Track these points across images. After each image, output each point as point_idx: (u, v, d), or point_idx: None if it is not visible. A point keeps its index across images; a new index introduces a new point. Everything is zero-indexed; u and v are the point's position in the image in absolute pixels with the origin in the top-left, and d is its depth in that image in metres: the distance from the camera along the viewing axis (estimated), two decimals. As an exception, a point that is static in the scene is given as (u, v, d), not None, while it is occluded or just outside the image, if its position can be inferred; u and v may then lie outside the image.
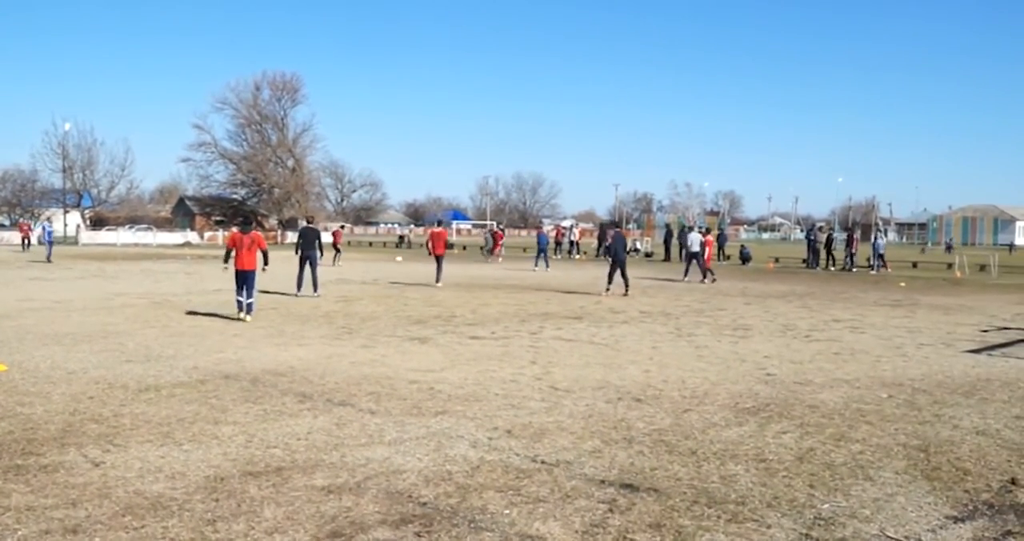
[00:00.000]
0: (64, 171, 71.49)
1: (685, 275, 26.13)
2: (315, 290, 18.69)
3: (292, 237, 68.96)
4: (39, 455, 5.99)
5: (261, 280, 15.46)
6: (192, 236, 65.63)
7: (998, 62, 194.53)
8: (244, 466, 5.79)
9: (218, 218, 76.16)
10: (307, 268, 19.06)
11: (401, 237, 68.21)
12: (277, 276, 19.83)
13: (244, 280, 14.52)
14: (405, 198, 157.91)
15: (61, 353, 10.50)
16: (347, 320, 14.51)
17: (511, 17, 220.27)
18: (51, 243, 34.57)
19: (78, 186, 75.37)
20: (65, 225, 58.48)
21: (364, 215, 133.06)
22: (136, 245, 57.24)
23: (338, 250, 34.37)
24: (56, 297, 18.19)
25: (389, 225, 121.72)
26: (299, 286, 18.97)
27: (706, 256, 26.07)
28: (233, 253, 14.78)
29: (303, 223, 21.67)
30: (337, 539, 4.48)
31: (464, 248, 53.51)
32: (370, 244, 66.25)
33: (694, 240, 26.10)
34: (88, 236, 61.23)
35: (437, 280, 22.02)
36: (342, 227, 50.09)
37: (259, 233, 15.52)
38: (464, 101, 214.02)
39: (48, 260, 32.51)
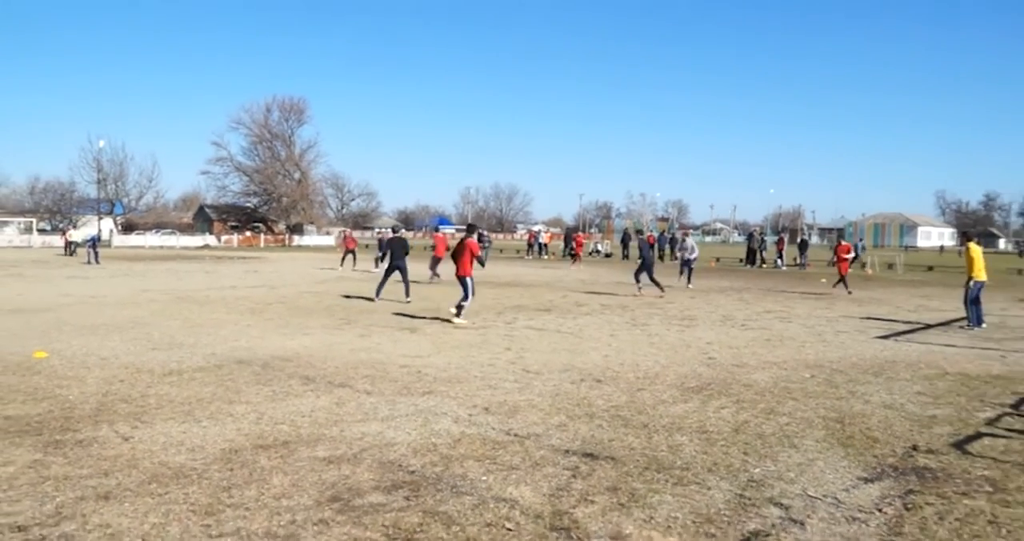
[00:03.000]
0: (98, 183, 70.42)
1: (684, 279, 22.37)
2: (407, 296, 16.45)
3: (298, 240, 68.66)
4: (75, 431, 5.90)
5: (344, 286, 15.22)
6: (211, 239, 64.88)
7: (904, 87, 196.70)
8: (255, 440, 5.74)
9: (233, 224, 75.44)
10: (394, 276, 16.84)
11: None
12: (288, 274, 19.55)
13: (463, 285, 13.17)
14: (397, 205, 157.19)
15: (95, 342, 10.35)
16: (346, 313, 14.41)
17: (491, 44, 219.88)
18: (95, 249, 32.13)
19: (111, 196, 74.37)
20: (99, 230, 57.45)
21: (361, 221, 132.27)
22: (161, 247, 56.51)
23: (354, 255, 30.59)
24: (90, 293, 17.91)
25: (383, 229, 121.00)
26: (378, 292, 16.73)
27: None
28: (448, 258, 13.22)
29: (390, 233, 19.14)
30: (336, 503, 4.46)
31: (448, 250, 53.24)
32: (367, 246, 65.81)
33: (690, 246, 22.53)
34: (119, 240, 60.31)
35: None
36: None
37: (472, 240, 13.36)
38: (450, 117, 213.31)
39: (96, 262, 31.11)
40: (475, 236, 14.03)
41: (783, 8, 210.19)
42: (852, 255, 23.13)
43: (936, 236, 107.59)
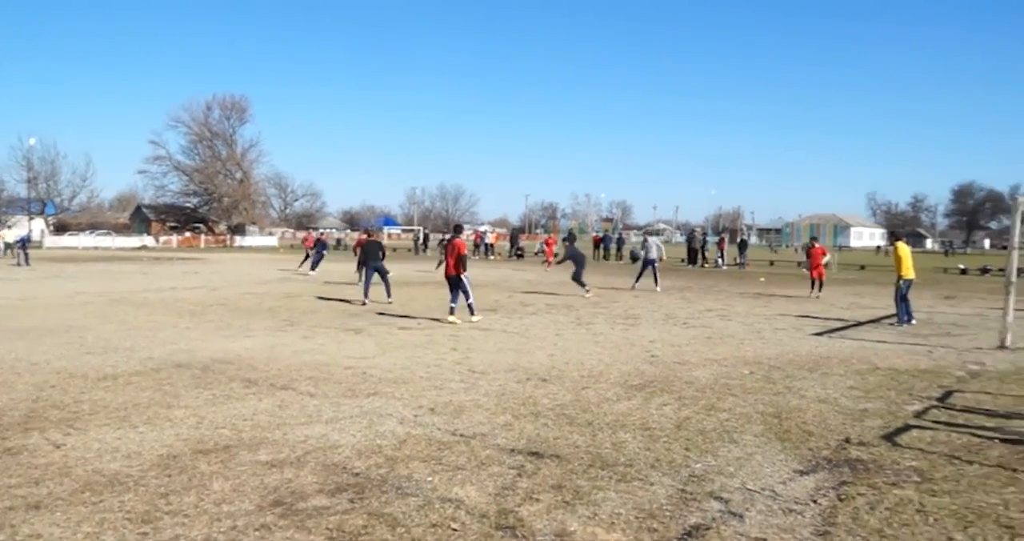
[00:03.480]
0: (28, 182, 67.84)
1: (640, 281, 21.59)
2: (388, 296, 16.62)
3: (240, 241, 67.23)
4: (3, 439, 5.67)
5: (327, 290, 14.89)
6: (148, 240, 62.99)
7: (837, 89, 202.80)
8: (195, 445, 5.60)
9: (172, 224, 73.49)
10: (374, 277, 16.80)
11: (338, 240, 66.97)
12: (228, 275, 19.16)
13: (454, 285, 13.47)
14: (342, 206, 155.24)
15: (25, 346, 9.95)
16: (289, 314, 14.18)
17: (436, 45, 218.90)
18: (26, 250, 30.80)
19: (42, 195, 71.70)
20: (30, 230, 55.20)
21: (305, 221, 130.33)
22: (96, 248, 54.65)
23: (307, 255, 29.07)
24: (20, 295, 17.22)
25: (327, 230, 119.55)
26: (365, 294, 16.60)
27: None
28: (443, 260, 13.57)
29: (364, 237, 19.16)
30: (279, 507, 4.38)
31: (395, 250, 52.87)
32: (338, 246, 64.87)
33: (651, 246, 21.68)
34: (51, 240, 58.07)
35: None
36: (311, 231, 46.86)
37: (461, 241, 13.66)
38: (396, 117, 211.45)
39: (27, 263, 29.96)
40: (462, 236, 14.32)
41: (721, 9, 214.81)
42: (828, 258, 21.10)
43: (868, 236, 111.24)
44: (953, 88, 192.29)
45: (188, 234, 68.63)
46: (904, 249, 14.47)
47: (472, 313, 13.47)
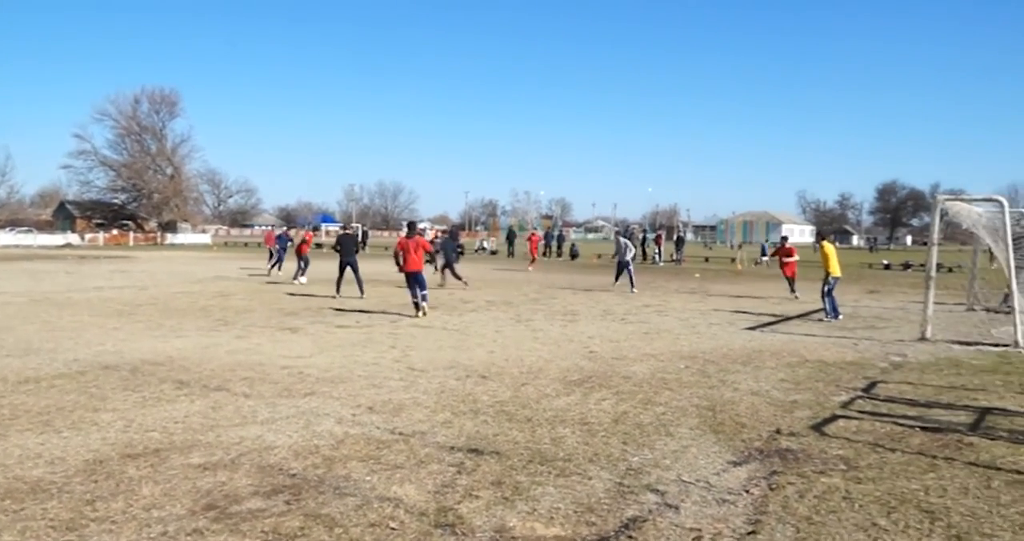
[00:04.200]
0: (-59, 177, 64.55)
1: (621, 281, 20.60)
2: (360, 293, 16.72)
3: (171, 238, 65.30)
4: (-85, 448, 5.38)
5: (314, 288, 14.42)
6: (73, 238, 60.58)
7: (768, 89, 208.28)
8: (123, 449, 5.42)
9: (99, 221, 70.81)
10: (347, 272, 16.98)
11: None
12: (176, 271, 18.57)
13: (416, 280, 13.77)
14: (278, 202, 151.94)
15: (-61, 350, 9.47)
16: (223, 313, 13.84)
17: (372, 42, 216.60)
18: None
19: (-44, 191, 68.32)
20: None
21: (240, 218, 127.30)
22: (16, 247, 52.29)
23: (271, 253, 26.16)
24: (-66, 296, 16.38)
25: (264, 227, 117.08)
26: (338, 289, 16.85)
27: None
28: (402, 256, 13.82)
29: (341, 230, 19.05)
30: (212, 511, 4.28)
31: (320, 247, 52.16)
32: (245, 244, 63.46)
33: (625, 247, 20.51)
34: (-33, 238, 55.41)
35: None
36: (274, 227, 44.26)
37: (423, 238, 13.97)
38: (333, 114, 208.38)
39: None
40: (422, 234, 15.01)
41: (656, 8, 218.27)
42: (796, 257, 19.18)
43: (798, 233, 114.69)
44: (877, 90, 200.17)
45: (116, 232, 66.26)
46: (830, 248, 14.98)
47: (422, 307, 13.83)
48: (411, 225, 14.84)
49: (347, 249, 17.08)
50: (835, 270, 14.50)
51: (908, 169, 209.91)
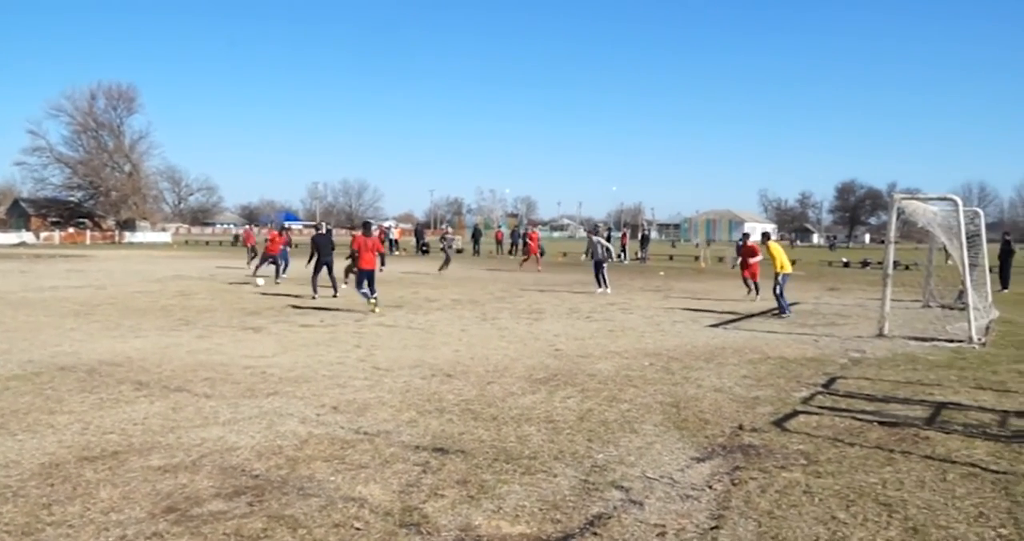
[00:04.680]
0: None
1: (602, 285, 19.05)
2: (335, 292, 16.80)
3: (130, 237, 64.02)
4: None
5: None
6: (28, 236, 59.06)
7: (730, 91, 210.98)
8: (80, 452, 5.30)
9: (55, 219, 69.13)
10: (322, 272, 16.88)
11: (236, 236, 64.69)
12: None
13: (368, 277, 14.25)
14: (240, 201, 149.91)
15: None
16: (184, 313, 13.60)
17: (336, 39, 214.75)
18: None
19: (-97, 188, 66.19)
20: None
21: (201, 216, 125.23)
22: (-32, 245, 50.86)
23: (253, 251, 26.84)
24: None
25: (225, 225, 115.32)
26: (315, 289, 16.64)
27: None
28: (357, 254, 14.21)
29: (313, 231, 18.96)
30: (173, 513, 4.20)
31: (296, 247, 51.61)
32: (207, 243, 62.50)
33: (597, 246, 19.42)
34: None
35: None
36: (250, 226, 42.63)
37: (374, 239, 14.56)
38: (295, 111, 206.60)
39: None
40: (377, 233, 15.60)
41: (617, 6, 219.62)
42: (760, 257, 17.66)
43: (760, 231, 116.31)
44: (834, 90, 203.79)
45: (72, 230, 64.76)
46: (776, 247, 15.32)
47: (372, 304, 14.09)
48: (366, 224, 15.33)
49: (324, 249, 17.04)
50: (786, 267, 14.80)
51: (867, 168, 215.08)
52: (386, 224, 71.41)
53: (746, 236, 21.01)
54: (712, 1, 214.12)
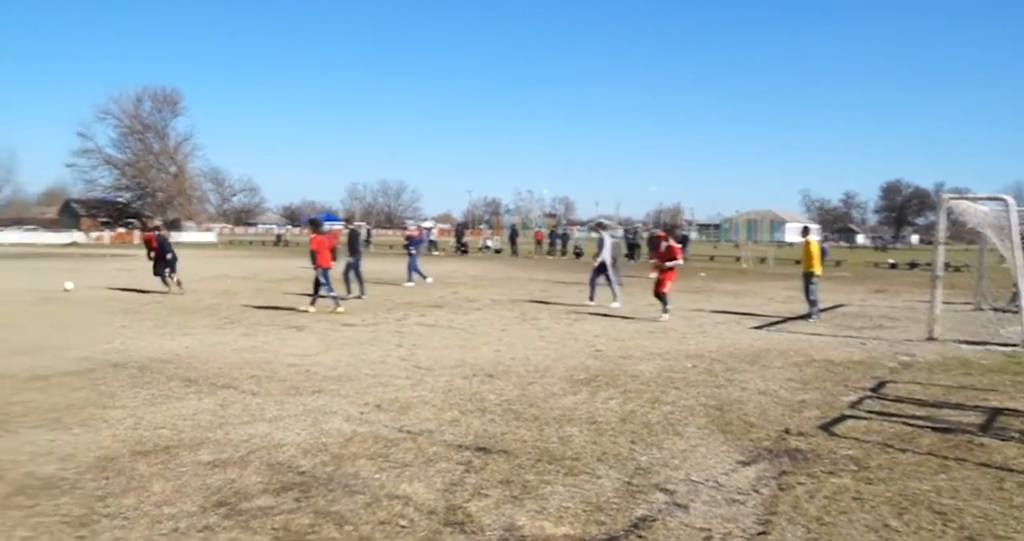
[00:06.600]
0: (-52, 175, 64.82)
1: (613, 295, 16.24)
2: (361, 291, 16.59)
3: (177, 237, 65.28)
4: (-74, 444, 5.40)
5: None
6: (79, 236, 60.73)
7: (772, 91, 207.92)
8: (133, 446, 5.43)
9: (104, 220, 70.99)
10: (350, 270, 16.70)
11: (278, 236, 65.74)
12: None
13: (325, 276, 13.94)
14: (282, 201, 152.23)
15: (-53, 347, 9.50)
16: (229, 311, 13.85)
17: (376, 40, 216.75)
18: None
19: (-37, 190, 68.64)
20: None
21: (244, 217, 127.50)
22: (22, 245, 52.45)
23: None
24: (-59, 293, 16.44)
25: (268, 226, 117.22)
26: (348, 288, 16.54)
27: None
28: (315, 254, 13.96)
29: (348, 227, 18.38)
30: (223, 507, 4.29)
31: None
32: (250, 243, 63.57)
33: (604, 244, 16.40)
34: (-27, 236, 55.55)
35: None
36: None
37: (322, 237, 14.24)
38: (336, 112, 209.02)
39: None
40: (324, 230, 14.73)
41: (660, 7, 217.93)
42: (680, 261, 14.45)
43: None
44: (880, 89, 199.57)
45: (121, 230, 66.44)
46: (814, 244, 14.26)
47: (314, 303, 14.02)
48: (314, 222, 14.99)
49: (354, 247, 16.97)
50: (818, 267, 14.01)
51: (912, 168, 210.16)
52: (425, 224, 71.93)
53: (670, 228, 17.35)
54: (757, 2, 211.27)
